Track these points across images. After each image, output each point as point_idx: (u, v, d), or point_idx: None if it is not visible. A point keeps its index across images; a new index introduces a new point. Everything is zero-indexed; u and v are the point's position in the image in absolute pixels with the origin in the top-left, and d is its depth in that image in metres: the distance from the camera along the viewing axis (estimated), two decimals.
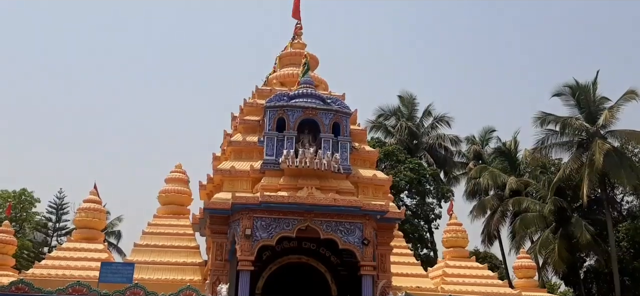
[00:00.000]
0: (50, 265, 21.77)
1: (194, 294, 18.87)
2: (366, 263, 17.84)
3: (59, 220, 44.61)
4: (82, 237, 23.45)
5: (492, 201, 42.07)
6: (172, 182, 25.44)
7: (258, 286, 19.44)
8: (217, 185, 20.50)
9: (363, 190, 20.10)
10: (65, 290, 18.55)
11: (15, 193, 41.18)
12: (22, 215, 41.44)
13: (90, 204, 24.29)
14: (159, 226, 23.55)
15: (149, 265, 21.43)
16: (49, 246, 42.63)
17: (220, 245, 18.92)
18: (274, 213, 17.75)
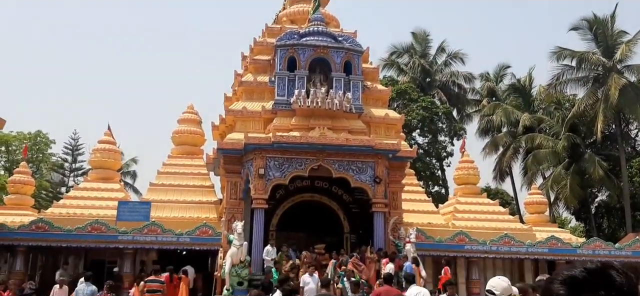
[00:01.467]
0: (68, 204, 22.26)
1: (210, 231, 19.32)
2: (378, 201, 18.02)
3: (74, 160, 45.25)
4: (98, 177, 23.85)
5: (504, 138, 41.93)
6: (184, 122, 25.60)
7: (272, 223, 19.81)
8: (230, 125, 20.57)
9: (375, 129, 20.09)
10: (84, 228, 19.03)
11: (30, 135, 41.65)
12: (38, 157, 42.07)
13: (105, 145, 24.60)
14: (173, 166, 23.88)
15: (164, 204, 21.84)
16: (66, 187, 43.40)
17: (234, 184, 19.16)
18: (286, 153, 17.85)
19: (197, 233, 19.32)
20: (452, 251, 21.04)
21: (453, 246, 20.99)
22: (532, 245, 21.75)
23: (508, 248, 21.44)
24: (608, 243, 23.10)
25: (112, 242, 19.08)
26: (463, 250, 21.13)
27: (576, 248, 22.14)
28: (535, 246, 21.74)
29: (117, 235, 19.04)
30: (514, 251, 21.51)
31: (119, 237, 19.03)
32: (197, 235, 19.30)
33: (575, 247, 22.24)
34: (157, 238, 19.18)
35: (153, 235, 19.17)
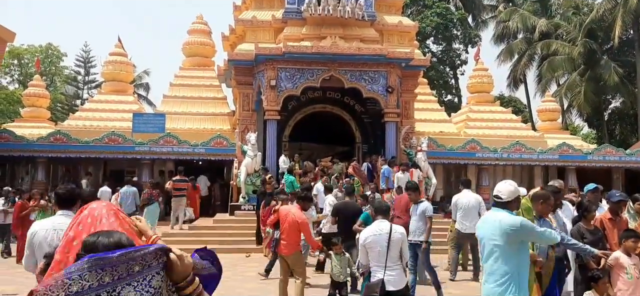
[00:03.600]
0: (84, 116, 22.58)
1: (224, 142, 19.64)
2: (390, 111, 18.07)
3: (87, 73, 45.36)
4: (112, 90, 24.03)
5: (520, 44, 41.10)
6: (194, 33, 25.37)
7: (285, 134, 20.04)
8: (240, 35, 20.38)
9: (388, 38, 19.82)
10: (101, 140, 19.41)
11: (41, 48, 41.56)
12: (51, 69, 42.20)
13: (116, 57, 24.59)
14: (185, 78, 23.92)
15: (178, 116, 22.07)
16: (80, 99, 43.79)
17: (246, 95, 19.24)
18: (298, 63, 17.76)
19: (212, 144, 19.66)
20: (463, 159, 21.29)
21: (464, 154, 21.21)
22: (543, 152, 21.89)
23: (519, 155, 21.62)
24: (619, 149, 23.17)
25: (130, 153, 19.52)
26: (474, 157, 21.35)
27: (587, 155, 22.27)
28: (546, 153, 21.88)
29: (134, 146, 19.43)
30: (524, 158, 21.71)
31: (136, 148, 19.43)
32: (211, 146, 19.65)
33: (586, 154, 22.36)
34: (173, 149, 19.57)
35: (169, 146, 19.54)
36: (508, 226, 4.18)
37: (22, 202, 13.42)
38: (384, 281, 5.69)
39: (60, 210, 4.47)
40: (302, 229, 7.63)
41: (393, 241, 5.78)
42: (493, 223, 4.29)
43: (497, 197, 4.42)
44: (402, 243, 5.87)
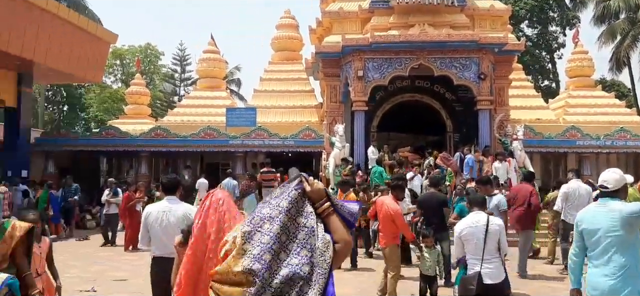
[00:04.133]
0: (181, 112, 23.74)
1: (312, 134, 19.91)
2: (483, 98, 17.48)
3: (183, 71, 47.59)
4: (206, 86, 25.04)
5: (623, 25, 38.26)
6: (282, 28, 25.83)
7: (373, 124, 19.95)
8: (327, 28, 20.49)
9: (479, 23, 19.15)
10: (198, 134, 20.34)
11: (141, 48, 44.00)
12: (150, 68, 44.60)
13: (209, 54, 25.58)
14: (274, 72, 24.44)
15: (268, 109, 22.61)
16: (178, 96, 46.03)
17: (333, 87, 19.33)
18: (385, 53, 17.59)
19: (301, 136, 20.00)
20: (562, 147, 20.21)
21: (564, 142, 20.12)
22: None
23: (623, 142, 20.19)
24: None
25: (224, 147, 20.30)
26: (574, 145, 20.20)
27: None
28: None
29: (228, 139, 20.17)
30: (630, 145, 20.24)
31: (229, 142, 20.16)
32: (301, 138, 19.99)
33: None
34: (264, 142, 20.10)
35: (260, 139, 20.10)
36: (629, 214, 3.94)
37: (129, 193, 14.34)
38: (481, 274, 5.53)
39: (166, 196, 5.45)
40: (396, 219, 7.57)
41: (490, 233, 5.60)
42: (609, 214, 4.03)
43: (603, 186, 4.16)
44: (500, 235, 5.67)
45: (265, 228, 2.25)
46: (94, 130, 26.72)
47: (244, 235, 2.26)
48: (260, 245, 2.22)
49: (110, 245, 14.24)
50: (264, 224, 2.27)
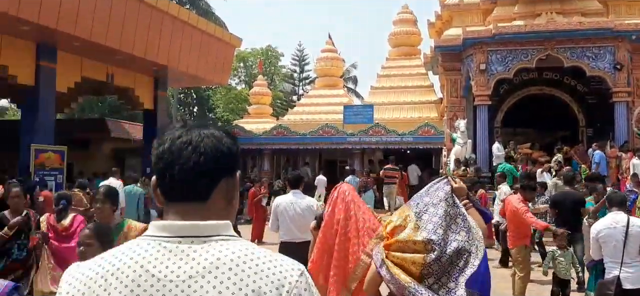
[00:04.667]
0: (300, 111, 24.42)
1: (432, 130, 19.54)
2: (619, 89, 16.10)
3: (302, 70, 48.85)
4: (324, 84, 25.53)
5: None
6: (400, 23, 25.61)
7: (497, 119, 19.15)
8: (446, 21, 19.99)
9: (614, 9, 17.65)
10: (316, 132, 20.80)
11: (262, 50, 45.87)
12: (271, 70, 46.32)
13: (327, 54, 26.03)
14: (392, 68, 24.32)
15: (386, 106, 22.55)
16: (297, 95, 47.35)
17: (454, 81, 18.83)
18: (509, 44, 16.79)
19: (420, 133, 19.70)
20: None
21: None
22: None
23: None
24: None
25: (342, 144, 20.56)
26: None
27: None
28: None
29: (345, 136, 20.41)
30: None
31: (347, 139, 20.38)
32: (419, 134, 19.70)
33: None
34: (382, 138, 20.07)
35: (377, 135, 20.10)
36: None
37: (255, 189, 15.03)
38: (620, 278, 5.12)
39: (291, 190, 6.28)
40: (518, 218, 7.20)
41: (631, 235, 5.16)
42: None
43: None
44: None
45: (431, 211, 2.82)
46: None
47: (416, 215, 2.84)
48: (432, 223, 2.78)
49: None
50: (428, 208, 2.84)
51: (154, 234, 1.21)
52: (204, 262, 1.15)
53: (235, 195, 1.32)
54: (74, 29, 14.14)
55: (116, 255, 1.19)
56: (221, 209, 1.26)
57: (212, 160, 1.24)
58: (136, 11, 16.12)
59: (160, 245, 1.18)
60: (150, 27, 16.79)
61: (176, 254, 1.17)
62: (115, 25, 15.39)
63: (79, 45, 15.35)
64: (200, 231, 1.19)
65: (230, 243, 1.19)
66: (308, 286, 1.19)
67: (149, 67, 18.48)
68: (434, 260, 2.69)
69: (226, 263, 1.15)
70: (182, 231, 1.19)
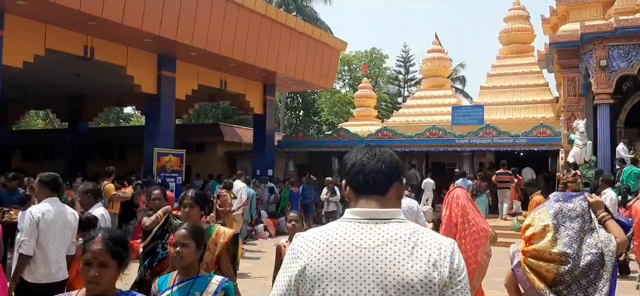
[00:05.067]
0: (406, 113, 24.17)
1: (548, 131, 18.52)
2: None
3: (407, 71, 48.32)
4: (430, 85, 25.08)
5: None
6: (511, 20, 24.56)
7: (619, 119, 17.76)
8: (562, 16, 18.87)
9: None
10: (423, 134, 20.45)
11: (366, 53, 45.97)
12: (375, 72, 46.30)
13: (434, 54, 25.55)
14: (503, 67, 23.39)
15: (497, 106, 21.72)
16: (402, 97, 46.93)
17: (571, 79, 17.71)
18: (633, 38, 15.48)
19: (534, 134, 18.72)
20: None
21: None
22: None
23: None
24: None
25: (450, 146, 20.03)
26: None
27: None
28: None
29: (454, 139, 19.88)
30: None
31: (455, 141, 19.84)
32: (534, 135, 18.72)
33: None
34: (493, 140, 19.31)
35: (488, 137, 19.37)
36: None
37: None
38: None
39: None
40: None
41: None
42: None
43: None
44: None
45: (568, 225, 3.12)
46: (326, 133, 28.70)
47: (554, 227, 3.13)
48: (568, 236, 3.08)
49: None
50: (565, 221, 3.13)
51: (350, 217, 1.78)
52: (386, 235, 1.70)
53: (401, 194, 1.89)
54: (191, 40, 15.04)
55: (326, 230, 1.78)
56: (394, 202, 1.81)
57: (389, 167, 1.83)
58: (247, 20, 16.82)
59: (356, 224, 1.75)
60: (260, 35, 17.44)
61: (366, 230, 1.72)
62: (228, 34, 16.17)
63: (196, 55, 16.30)
64: (381, 215, 1.75)
65: (403, 224, 1.74)
66: (458, 252, 1.73)
67: (259, 73, 19.19)
68: (567, 271, 3.00)
69: (402, 236, 1.70)
70: (369, 214, 1.76)
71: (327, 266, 1.70)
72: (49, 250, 4.84)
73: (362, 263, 1.68)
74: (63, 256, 5.03)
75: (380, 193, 1.79)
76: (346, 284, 1.67)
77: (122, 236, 2.39)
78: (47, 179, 5.17)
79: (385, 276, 1.66)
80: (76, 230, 5.27)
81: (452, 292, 1.67)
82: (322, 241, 1.74)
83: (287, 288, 1.75)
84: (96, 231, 2.36)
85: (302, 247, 1.77)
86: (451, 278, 1.67)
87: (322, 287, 1.69)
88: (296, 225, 4.98)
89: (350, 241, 1.70)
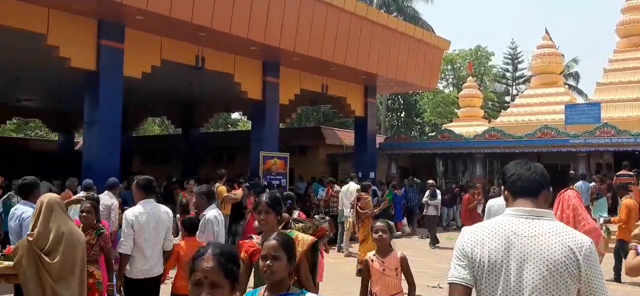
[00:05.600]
0: (515, 112, 23.13)
1: None
2: None
3: (515, 69, 46.26)
4: (541, 83, 23.82)
5: None
6: (629, 11, 22.73)
7: None
8: None
9: None
10: (533, 134, 19.43)
11: (471, 51, 44.57)
12: (480, 70, 44.79)
13: (544, 49, 24.25)
14: (621, 62, 21.77)
15: (615, 103, 20.25)
16: (510, 95, 45.00)
17: None
18: None
19: None
20: None
21: None
22: None
23: None
24: None
25: (563, 146, 18.86)
26: None
27: None
28: None
29: (567, 139, 18.70)
30: None
31: (569, 141, 18.65)
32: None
33: None
34: (611, 139, 17.92)
35: (606, 136, 18.00)
36: None
37: (469, 195, 14.59)
38: None
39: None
40: None
41: None
42: None
43: None
44: None
45: None
46: (429, 134, 28.16)
47: None
48: None
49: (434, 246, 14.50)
50: None
51: (511, 213, 2.32)
52: (541, 228, 2.24)
53: (548, 199, 2.41)
54: (294, 46, 15.37)
55: (492, 224, 2.35)
56: (543, 204, 2.34)
57: (541, 177, 2.38)
58: (348, 24, 16.90)
59: (516, 218, 2.29)
60: (361, 37, 17.46)
61: (525, 223, 2.27)
62: (329, 39, 16.34)
63: (298, 60, 16.64)
64: (535, 214, 2.29)
65: (553, 222, 2.28)
66: (594, 252, 2.21)
67: (360, 75, 19.21)
68: None
69: (552, 230, 2.23)
70: (526, 213, 2.29)
71: (495, 250, 2.26)
72: (145, 247, 5.33)
73: (522, 248, 2.23)
74: (158, 253, 5.49)
75: (534, 196, 2.33)
76: (510, 264, 2.23)
77: (234, 251, 2.16)
78: (142, 182, 5.61)
79: (540, 258, 2.19)
80: (170, 228, 5.70)
81: (588, 276, 2.18)
82: (489, 230, 2.31)
83: (461, 265, 2.32)
84: (205, 247, 2.11)
85: (472, 235, 2.34)
86: (588, 266, 2.17)
87: (490, 265, 2.26)
88: (384, 236, 4.69)
89: (513, 231, 2.26)
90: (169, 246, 5.59)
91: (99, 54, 12.70)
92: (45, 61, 13.18)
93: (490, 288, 2.26)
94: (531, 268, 2.19)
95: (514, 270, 2.21)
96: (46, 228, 4.50)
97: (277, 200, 3.88)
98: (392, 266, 4.61)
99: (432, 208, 15.21)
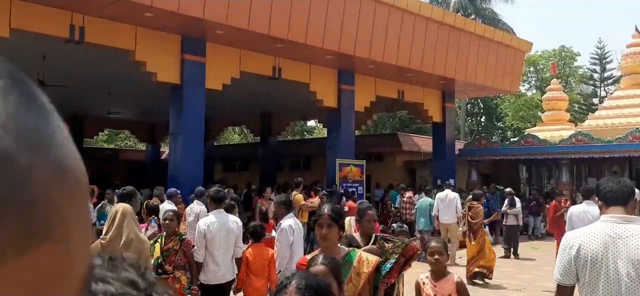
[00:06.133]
0: (604, 115, 21.90)
1: None
2: None
3: (603, 70, 43.79)
4: (632, 83, 22.45)
5: None
6: None
7: None
8: None
9: None
10: (624, 138, 18.33)
11: (554, 52, 42.69)
12: (565, 71, 42.81)
13: (634, 48, 22.82)
14: None
15: None
16: (598, 97, 42.68)
17: None
18: None
19: None
20: None
21: None
22: None
23: None
24: None
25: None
26: None
27: None
28: None
29: None
30: None
31: None
32: None
33: None
34: None
35: None
36: None
37: (556, 203, 13.96)
38: None
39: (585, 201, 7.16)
40: None
41: None
42: None
43: None
44: None
45: None
46: (511, 139, 27.20)
47: None
48: None
49: (512, 257, 13.95)
50: None
51: (606, 219, 2.86)
52: (633, 231, 2.74)
53: (636, 206, 2.97)
54: (369, 53, 15.39)
55: (591, 229, 2.91)
56: (632, 210, 2.88)
57: (629, 188, 2.96)
58: (424, 29, 16.71)
59: (611, 223, 2.82)
60: (438, 42, 17.19)
61: (620, 227, 2.79)
62: (404, 45, 16.22)
63: (373, 68, 16.62)
64: (627, 219, 2.81)
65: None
66: None
67: (437, 80, 18.90)
68: None
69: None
70: (619, 218, 2.81)
71: (596, 249, 2.79)
72: (216, 255, 5.77)
73: (617, 247, 2.74)
74: (228, 260, 5.91)
75: (624, 205, 2.87)
76: (609, 260, 2.74)
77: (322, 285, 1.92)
78: (213, 194, 6.13)
79: (630, 255, 2.69)
80: (240, 236, 6.13)
81: None
82: (590, 234, 2.86)
83: (567, 265, 2.88)
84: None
85: (575, 239, 2.89)
86: None
87: (592, 262, 2.78)
88: (439, 259, 4.34)
89: (608, 234, 2.79)
90: (238, 253, 5.98)
91: (183, 68, 13.29)
92: (133, 76, 13.95)
93: (593, 280, 2.79)
94: (623, 263, 2.71)
95: (612, 265, 2.74)
96: (119, 233, 4.95)
97: (340, 213, 3.59)
98: (445, 292, 4.26)
99: (512, 217, 14.72)
